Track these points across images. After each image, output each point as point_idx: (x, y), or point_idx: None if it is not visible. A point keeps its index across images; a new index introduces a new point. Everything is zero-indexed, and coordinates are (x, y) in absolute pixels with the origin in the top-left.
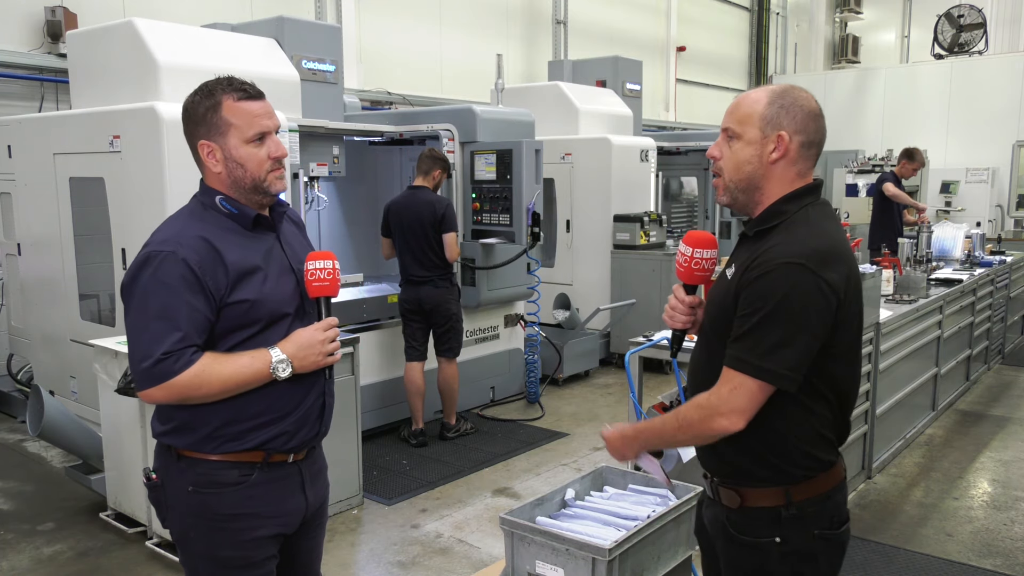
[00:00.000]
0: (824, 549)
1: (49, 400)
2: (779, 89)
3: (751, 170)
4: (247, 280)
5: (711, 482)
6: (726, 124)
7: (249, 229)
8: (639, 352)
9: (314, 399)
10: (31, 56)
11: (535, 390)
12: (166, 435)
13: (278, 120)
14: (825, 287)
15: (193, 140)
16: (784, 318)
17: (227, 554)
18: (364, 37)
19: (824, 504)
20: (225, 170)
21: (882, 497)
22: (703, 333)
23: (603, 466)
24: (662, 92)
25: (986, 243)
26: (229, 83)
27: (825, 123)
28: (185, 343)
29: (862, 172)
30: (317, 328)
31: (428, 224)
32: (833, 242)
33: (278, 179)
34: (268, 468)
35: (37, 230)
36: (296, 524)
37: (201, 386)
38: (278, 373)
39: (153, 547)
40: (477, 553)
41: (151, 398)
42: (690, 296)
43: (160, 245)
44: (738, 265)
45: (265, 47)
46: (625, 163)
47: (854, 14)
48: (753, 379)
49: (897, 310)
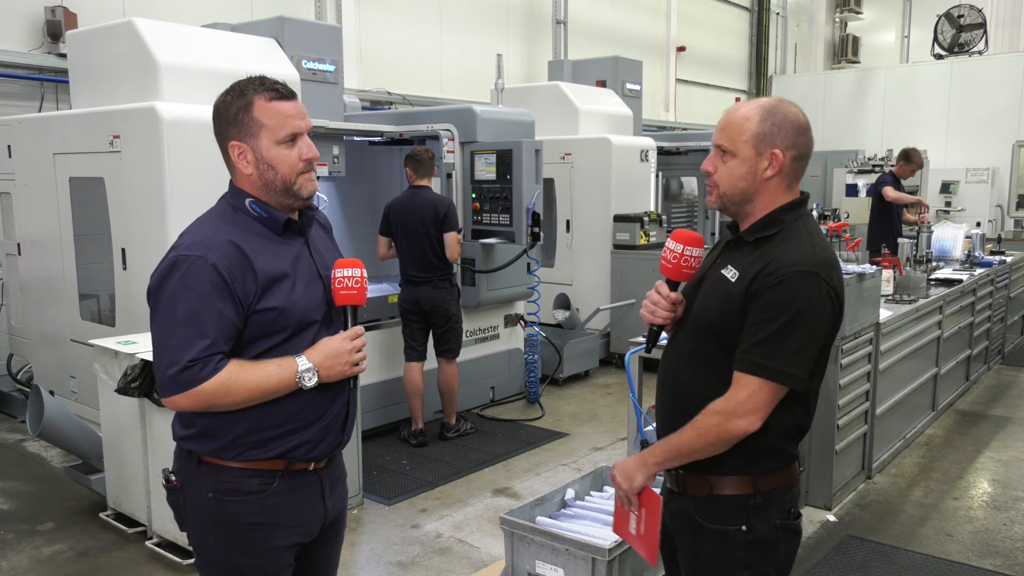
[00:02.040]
0: (784, 538)
1: (49, 400)
2: (768, 105)
3: (745, 186)
4: (276, 287)
5: (676, 475)
6: (718, 141)
7: (279, 234)
8: (639, 352)
9: (339, 408)
10: (31, 56)
11: (535, 390)
12: (187, 440)
13: (310, 121)
14: (833, 295)
15: (224, 141)
16: (802, 324)
17: (245, 563)
18: (364, 37)
19: (784, 496)
20: (256, 172)
21: (882, 497)
22: (691, 331)
23: (603, 466)
24: (662, 92)
25: (986, 243)
26: (261, 83)
27: (812, 134)
28: (212, 350)
29: (862, 172)
30: (344, 337)
31: (430, 223)
32: (832, 253)
33: (309, 181)
34: (289, 476)
35: (37, 230)
36: (315, 533)
37: (227, 394)
38: (304, 382)
39: (153, 547)
40: (477, 553)
41: (176, 405)
42: (674, 293)
43: (189, 249)
44: (742, 270)
45: (265, 47)
46: (625, 163)
47: (854, 14)
48: (772, 383)
49: (897, 310)
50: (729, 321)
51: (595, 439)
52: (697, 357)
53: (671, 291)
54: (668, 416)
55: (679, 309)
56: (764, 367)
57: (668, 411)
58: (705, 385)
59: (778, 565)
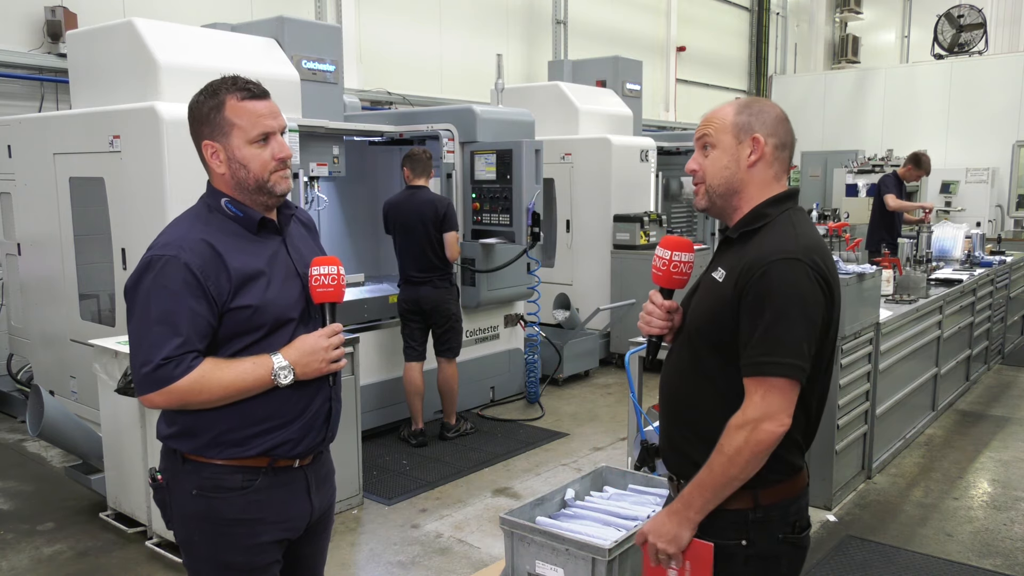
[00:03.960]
0: (787, 552)
1: (49, 400)
2: (744, 101)
3: (729, 175)
4: (250, 285)
5: (677, 484)
6: (699, 134)
7: (254, 232)
8: (639, 352)
9: (319, 404)
10: (31, 56)
11: (535, 390)
12: (171, 438)
13: (283, 120)
14: (818, 278)
15: (198, 140)
16: (792, 313)
17: (231, 559)
18: (364, 37)
19: (788, 509)
20: (228, 171)
21: (882, 497)
22: (686, 339)
23: (603, 466)
24: (662, 92)
25: (986, 243)
26: (234, 82)
27: (792, 127)
28: (185, 348)
29: (862, 172)
30: (321, 335)
31: (430, 223)
32: (820, 242)
33: (282, 179)
34: (274, 473)
35: (37, 230)
36: (301, 529)
37: (201, 392)
38: (280, 380)
39: (153, 547)
40: (477, 553)
41: (151, 403)
42: (668, 301)
43: (163, 249)
44: (728, 269)
45: (265, 47)
46: (625, 163)
47: (854, 14)
48: (781, 379)
49: (897, 310)
50: (722, 324)
51: (595, 439)
52: (692, 365)
53: (665, 299)
54: (667, 427)
55: (676, 318)
56: (767, 364)
57: (667, 422)
58: (700, 394)
59: None
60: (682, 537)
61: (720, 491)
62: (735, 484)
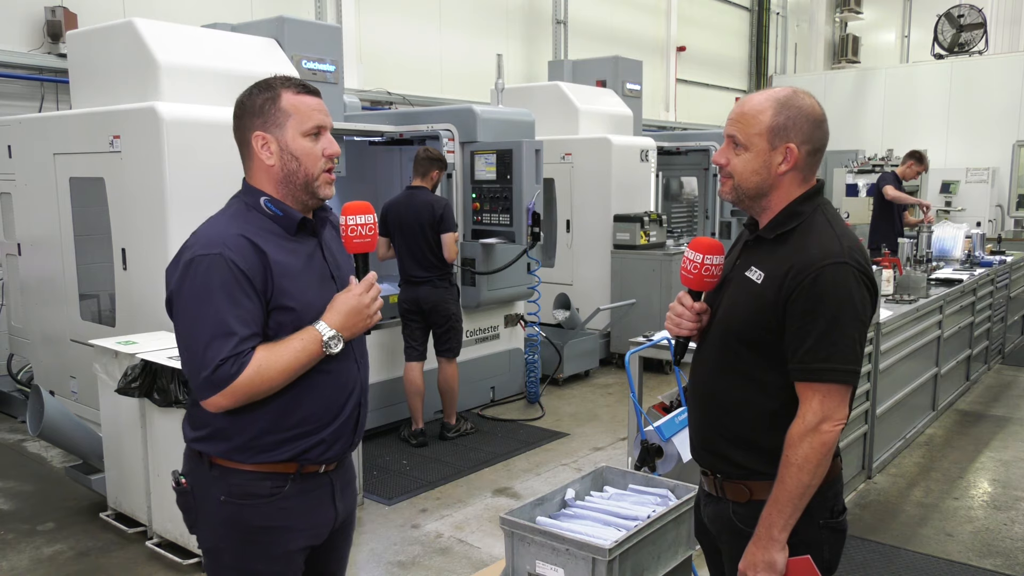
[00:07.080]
0: (828, 538)
1: (49, 400)
2: (783, 96)
3: (759, 180)
4: (290, 286)
5: (714, 480)
6: (731, 131)
7: (292, 233)
8: (639, 352)
9: (351, 409)
10: (31, 56)
11: (535, 390)
12: (198, 442)
13: (331, 120)
14: (867, 280)
15: (246, 133)
16: (847, 318)
17: (258, 567)
18: (364, 37)
19: (826, 494)
20: (279, 163)
21: (882, 497)
22: (721, 338)
23: (603, 466)
24: (662, 92)
25: (986, 243)
26: (287, 78)
27: (828, 125)
28: (240, 347)
29: (862, 172)
30: (360, 292)
31: (427, 224)
32: (856, 239)
33: (328, 184)
34: (301, 479)
35: (37, 230)
36: (325, 535)
37: (263, 382)
38: (331, 349)
39: (153, 547)
40: (477, 553)
41: (217, 406)
42: (698, 303)
43: (205, 248)
44: (768, 270)
45: (265, 47)
46: (625, 163)
47: (854, 14)
48: (838, 384)
49: (897, 310)
50: (761, 325)
51: (595, 439)
52: (729, 365)
53: (694, 301)
54: (701, 426)
55: (704, 318)
56: (825, 371)
57: (701, 422)
58: (739, 393)
59: (823, 564)
60: (777, 561)
61: (798, 503)
62: (810, 492)
